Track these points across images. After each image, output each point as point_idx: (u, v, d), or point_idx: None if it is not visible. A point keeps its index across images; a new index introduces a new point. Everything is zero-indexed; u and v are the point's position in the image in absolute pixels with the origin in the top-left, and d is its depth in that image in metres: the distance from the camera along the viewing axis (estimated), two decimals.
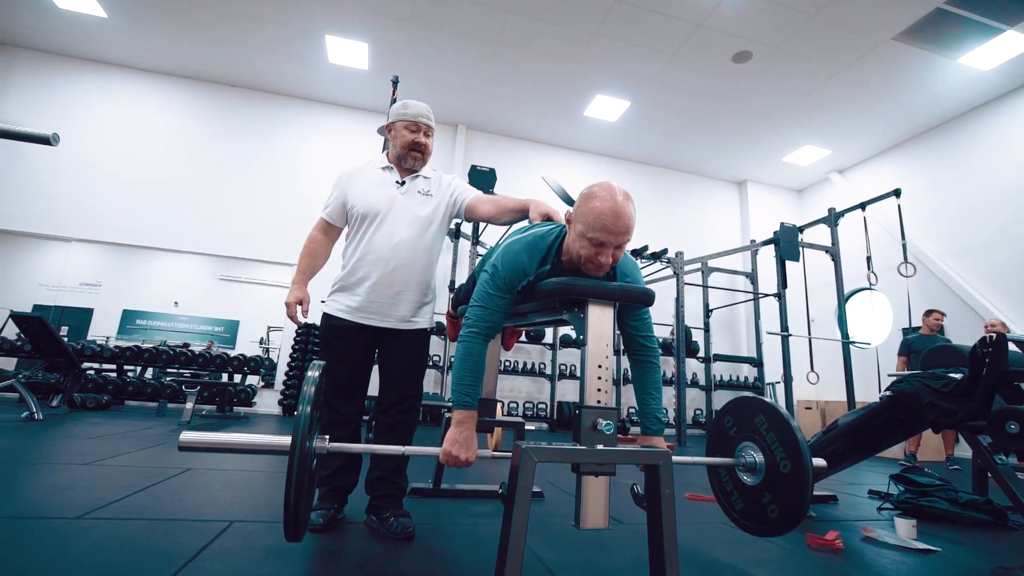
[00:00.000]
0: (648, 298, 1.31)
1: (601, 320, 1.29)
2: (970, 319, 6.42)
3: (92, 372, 6.07)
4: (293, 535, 1.11)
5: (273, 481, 2.42)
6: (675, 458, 1.36)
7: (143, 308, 11.65)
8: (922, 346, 5.26)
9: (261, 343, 10.91)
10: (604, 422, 1.20)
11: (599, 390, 1.26)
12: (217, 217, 7.05)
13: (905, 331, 7.51)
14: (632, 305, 1.37)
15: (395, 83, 4.87)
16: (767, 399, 1.53)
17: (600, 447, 1.21)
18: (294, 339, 6.78)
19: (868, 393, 7.21)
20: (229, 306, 12.26)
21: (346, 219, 1.84)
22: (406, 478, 1.84)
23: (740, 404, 1.58)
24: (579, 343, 1.29)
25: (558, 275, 1.40)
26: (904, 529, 2.11)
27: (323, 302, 1.85)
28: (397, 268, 1.74)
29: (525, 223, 1.60)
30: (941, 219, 7.06)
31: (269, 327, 10.93)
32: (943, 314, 5.17)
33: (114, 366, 6.21)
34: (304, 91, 7.61)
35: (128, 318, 11.57)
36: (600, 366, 1.27)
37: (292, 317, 1.77)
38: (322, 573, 1.35)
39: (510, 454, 1.20)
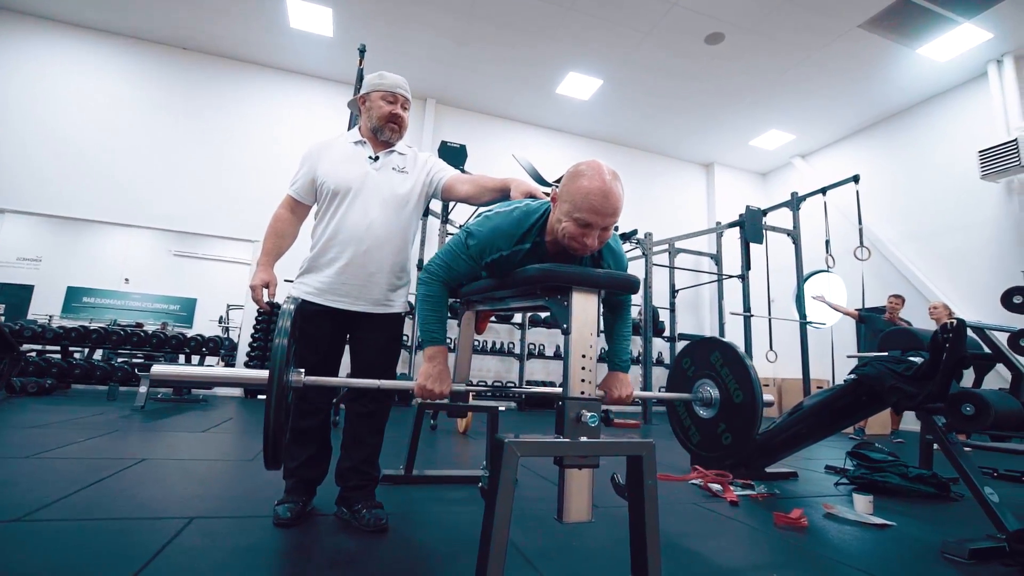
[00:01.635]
0: (634, 286, 1.28)
1: (585, 308, 1.24)
2: (917, 301, 6.75)
3: (33, 355, 5.68)
4: (273, 463, 1.19)
5: (235, 471, 2.31)
6: (637, 393, 1.52)
7: (90, 285, 10.99)
8: (883, 327, 5.45)
9: (220, 322, 10.48)
10: (589, 414, 1.16)
11: (583, 380, 1.22)
12: (171, 190, 6.63)
13: (859, 310, 7.85)
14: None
15: (362, 52, 4.62)
16: (722, 338, 1.60)
17: (584, 439, 1.17)
18: (256, 318, 6.53)
19: (822, 370, 7.55)
20: (185, 283, 11.70)
21: (315, 196, 1.72)
22: (378, 467, 1.77)
23: (697, 345, 1.66)
24: (563, 331, 1.25)
25: (540, 255, 1.36)
26: (861, 505, 2.20)
27: (288, 281, 1.74)
28: (371, 248, 1.65)
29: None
30: (895, 205, 7.35)
31: (229, 305, 10.50)
32: (899, 299, 5.40)
33: (59, 348, 5.83)
34: (264, 58, 7.18)
35: (74, 295, 10.89)
36: (584, 355, 1.23)
37: (258, 301, 1.65)
38: (292, 572, 1.28)
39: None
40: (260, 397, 4.18)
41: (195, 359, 6.24)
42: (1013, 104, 5.88)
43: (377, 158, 1.71)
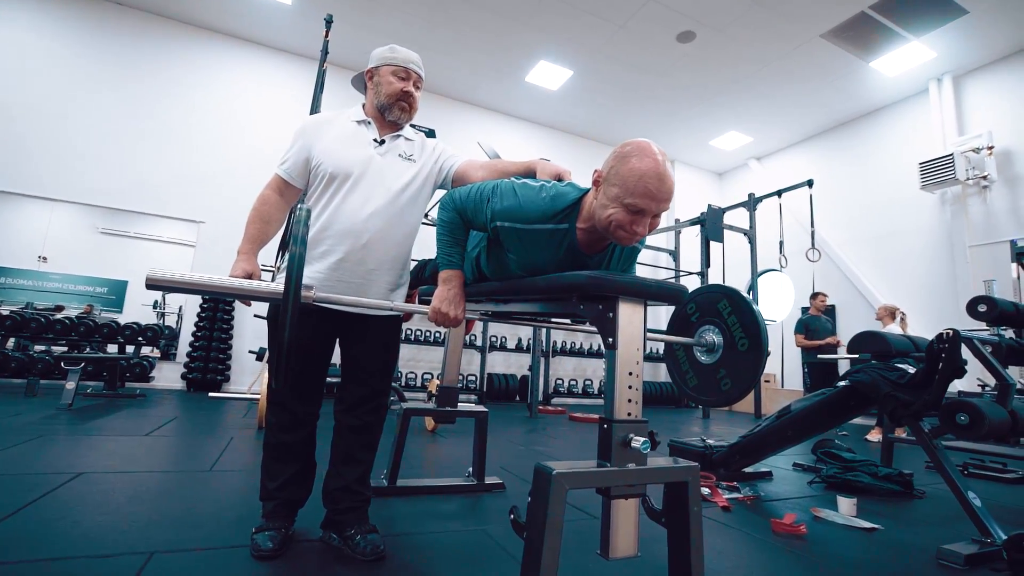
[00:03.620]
0: (682, 296, 1.17)
1: (632, 320, 1.12)
2: (859, 302, 7.18)
3: None
4: (280, 380, 1.09)
5: (194, 486, 2.04)
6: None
7: None
8: (817, 325, 5.77)
9: (155, 307, 9.63)
10: (641, 439, 1.04)
11: (630, 400, 1.10)
12: (101, 161, 5.94)
13: (803, 309, 8.27)
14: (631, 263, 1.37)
15: (328, 23, 4.28)
16: (733, 287, 1.56)
17: (632, 466, 1.06)
18: (201, 304, 6.01)
19: (772, 366, 7.89)
20: (114, 263, 10.61)
21: (308, 179, 1.50)
22: (370, 486, 1.59)
23: (704, 291, 1.66)
24: (607, 345, 1.12)
25: (565, 240, 1.23)
26: (846, 507, 2.23)
27: (265, 268, 1.51)
28: (371, 243, 1.45)
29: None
30: (841, 210, 7.73)
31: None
32: (826, 296, 5.79)
33: None
34: (215, 22, 6.54)
35: None
36: (631, 373, 1.11)
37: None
38: None
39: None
40: (212, 395, 3.81)
41: (129, 349, 5.65)
42: (950, 121, 6.28)
43: (383, 141, 1.50)
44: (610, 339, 1.11)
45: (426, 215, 6.71)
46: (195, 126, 6.41)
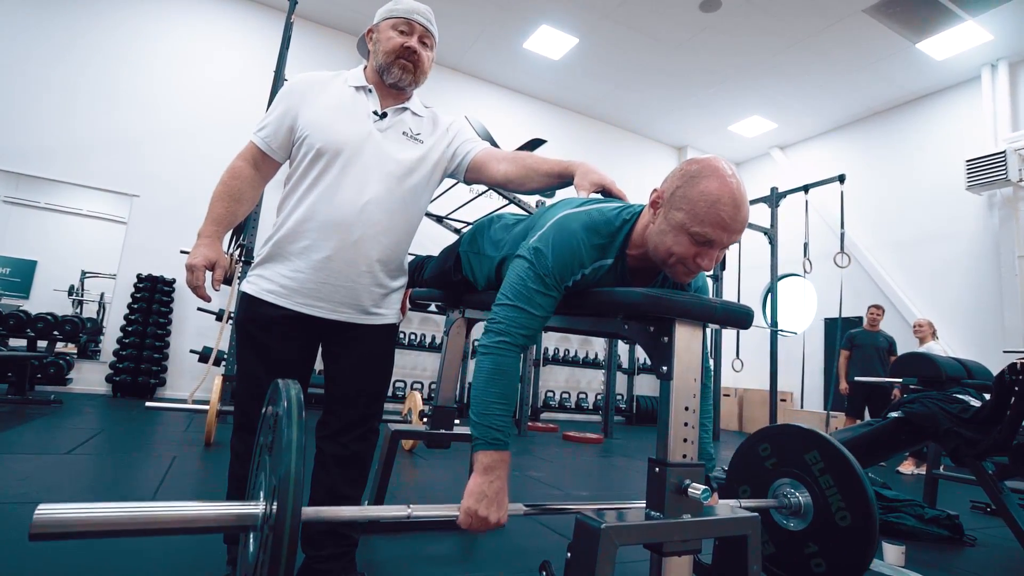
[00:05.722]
0: (748, 321, 1.14)
1: (690, 346, 1.10)
2: (890, 314, 7.30)
3: None
4: None
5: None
6: (723, 502, 1.30)
7: None
8: (864, 341, 5.80)
9: (71, 293, 9.37)
10: (701, 487, 1.02)
11: (686, 440, 1.08)
12: (2, 116, 5.66)
13: (827, 321, 8.43)
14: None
15: None
16: (825, 434, 1.49)
17: (687, 517, 1.04)
18: (134, 291, 5.82)
19: (790, 382, 8.02)
20: (19, 240, 10.28)
21: (290, 151, 1.44)
22: (358, 527, 1.54)
23: (785, 433, 1.55)
24: (660, 375, 1.09)
25: (620, 273, 1.22)
26: (893, 556, 2.25)
27: (230, 254, 1.43)
28: (364, 238, 1.39)
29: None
30: (872, 209, 7.88)
31: (84, 272, 9.40)
32: (881, 308, 5.80)
33: None
34: None
35: None
36: (687, 408, 1.09)
37: (197, 288, 1.32)
38: None
39: None
40: (149, 404, 3.68)
41: (41, 345, 5.44)
42: (1003, 113, 6.44)
43: (385, 115, 1.44)
44: (664, 368, 1.09)
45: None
46: (128, 80, 6.18)
